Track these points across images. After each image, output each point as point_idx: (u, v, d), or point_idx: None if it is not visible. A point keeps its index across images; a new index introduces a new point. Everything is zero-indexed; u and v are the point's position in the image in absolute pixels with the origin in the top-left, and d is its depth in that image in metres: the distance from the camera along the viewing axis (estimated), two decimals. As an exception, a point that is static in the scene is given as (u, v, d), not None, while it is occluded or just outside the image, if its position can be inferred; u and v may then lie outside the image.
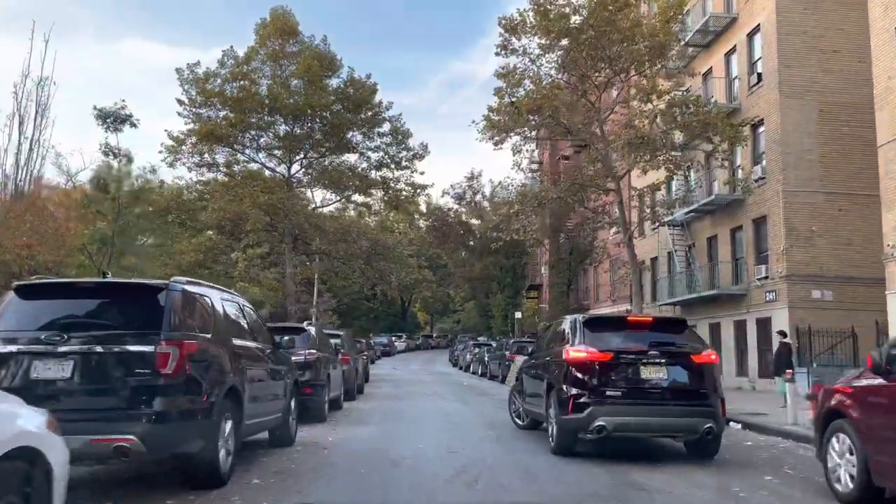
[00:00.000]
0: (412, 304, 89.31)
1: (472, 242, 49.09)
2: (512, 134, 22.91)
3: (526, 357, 13.50)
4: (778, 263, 23.20)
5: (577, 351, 9.03)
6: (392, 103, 31.28)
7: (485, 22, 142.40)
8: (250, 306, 9.09)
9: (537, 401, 10.67)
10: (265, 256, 29.63)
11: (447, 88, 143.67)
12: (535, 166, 29.34)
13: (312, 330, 13.78)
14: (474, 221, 48.73)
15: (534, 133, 22.59)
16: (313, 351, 13.16)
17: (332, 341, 17.05)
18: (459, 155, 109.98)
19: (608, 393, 8.68)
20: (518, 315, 44.86)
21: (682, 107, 21.05)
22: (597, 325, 9.65)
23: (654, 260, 33.70)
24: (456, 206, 47.56)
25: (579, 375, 8.89)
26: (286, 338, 9.39)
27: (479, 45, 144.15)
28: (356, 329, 71.13)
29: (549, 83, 21.79)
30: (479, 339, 50.79)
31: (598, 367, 8.77)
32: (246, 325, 8.26)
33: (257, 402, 7.87)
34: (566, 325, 10.05)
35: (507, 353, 30.44)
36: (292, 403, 9.82)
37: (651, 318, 10.11)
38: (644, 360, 8.78)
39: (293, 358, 12.75)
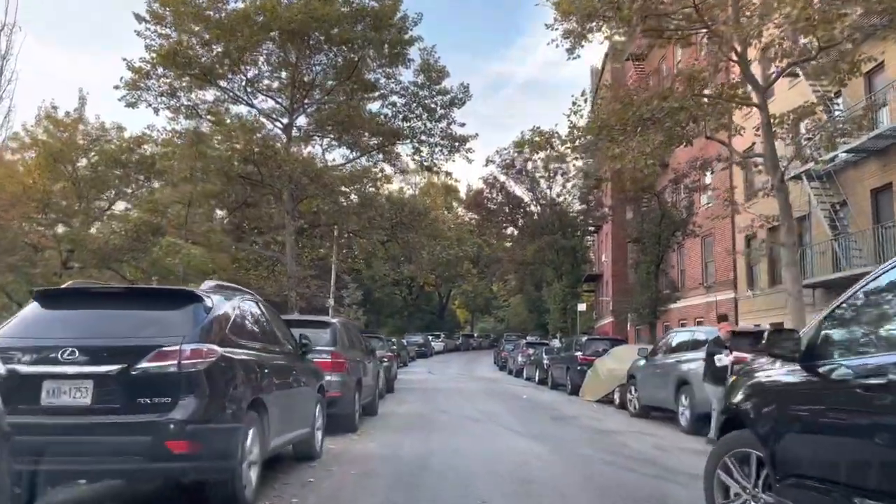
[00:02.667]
0: (451, 300, 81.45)
1: (521, 220, 40.88)
2: (599, 21, 14.75)
3: (778, 365, 5.23)
4: None
5: None
6: (421, 16, 23.18)
7: (521, 21, 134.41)
8: None
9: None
10: (224, 203, 21.69)
11: (488, 89, 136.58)
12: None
13: (211, 298, 5.94)
14: (523, 195, 40.44)
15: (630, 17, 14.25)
16: (206, 348, 5.36)
17: (302, 333, 9.08)
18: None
19: None
20: (581, 307, 36.56)
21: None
22: None
23: (772, 230, 25.22)
24: (503, 178, 39.44)
25: None
26: None
27: (517, 45, 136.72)
28: (390, 328, 63.68)
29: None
30: (528, 337, 42.65)
31: None
32: None
33: None
34: None
35: (578, 354, 22.48)
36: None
37: None
38: None
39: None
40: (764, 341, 4.57)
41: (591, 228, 44.14)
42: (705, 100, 15.20)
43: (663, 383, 13.83)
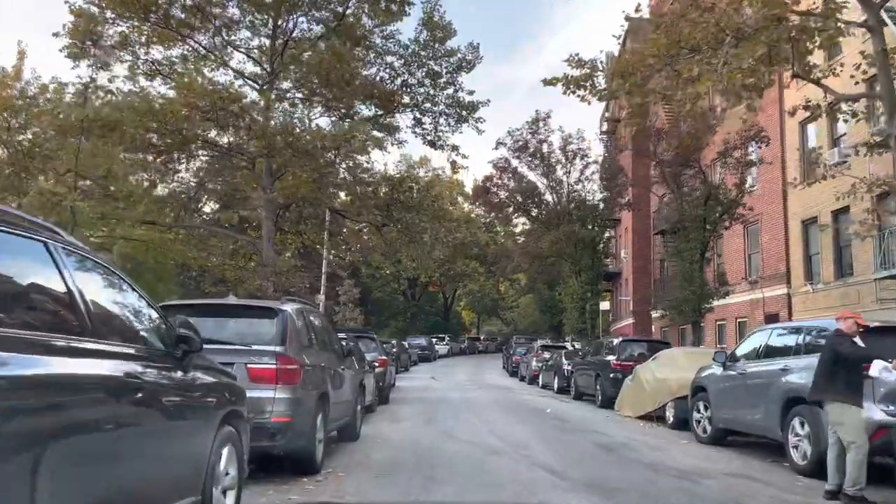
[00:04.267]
0: (456, 301, 77.44)
1: (535, 209, 36.83)
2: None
3: None
4: None
5: None
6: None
7: (528, 26, 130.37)
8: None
9: None
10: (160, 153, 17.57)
11: (491, 94, 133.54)
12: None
13: None
14: (537, 181, 36.42)
15: None
16: None
17: (183, 320, 4.98)
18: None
19: None
20: (604, 305, 32.56)
21: None
22: None
23: (837, 212, 21.34)
24: (515, 162, 35.42)
25: None
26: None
27: (524, 49, 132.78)
28: (392, 330, 59.65)
29: None
30: (539, 340, 38.51)
31: None
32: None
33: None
34: None
35: (611, 359, 18.57)
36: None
37: None
38: None
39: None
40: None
41: (613, 218, 40.17)
42: (797, 18, 11.26)
43: (757, 400, 9.90)
